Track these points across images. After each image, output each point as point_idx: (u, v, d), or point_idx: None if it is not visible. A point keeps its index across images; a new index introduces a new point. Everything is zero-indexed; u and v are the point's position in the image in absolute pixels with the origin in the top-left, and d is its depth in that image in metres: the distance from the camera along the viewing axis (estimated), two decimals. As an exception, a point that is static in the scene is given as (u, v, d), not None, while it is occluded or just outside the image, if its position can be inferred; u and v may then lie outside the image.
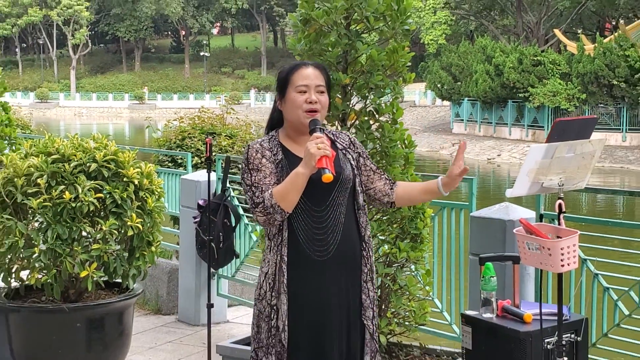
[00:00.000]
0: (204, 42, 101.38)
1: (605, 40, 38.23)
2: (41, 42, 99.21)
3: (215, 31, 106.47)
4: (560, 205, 3.40)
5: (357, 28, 4.71)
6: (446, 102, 52.35)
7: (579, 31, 53.97)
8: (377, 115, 4.72)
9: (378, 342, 3.74)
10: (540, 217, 3.47)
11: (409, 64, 4.83)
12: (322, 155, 3.35)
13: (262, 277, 3.65)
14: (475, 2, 58.84)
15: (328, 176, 3.32)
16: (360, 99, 4.70)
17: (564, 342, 3.56)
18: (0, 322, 5.74)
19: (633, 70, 35.77)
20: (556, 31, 48.27)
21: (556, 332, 3.94)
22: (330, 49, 4.64)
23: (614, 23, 56.19)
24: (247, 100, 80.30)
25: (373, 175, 3.77)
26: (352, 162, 3.70)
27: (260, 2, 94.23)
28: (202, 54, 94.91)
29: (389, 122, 4.72)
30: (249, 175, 3.58)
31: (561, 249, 3.31)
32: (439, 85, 49.04)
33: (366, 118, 4.72)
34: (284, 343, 3.55)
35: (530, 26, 57.24)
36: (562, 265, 3.34)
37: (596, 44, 37.73)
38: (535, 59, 40.72)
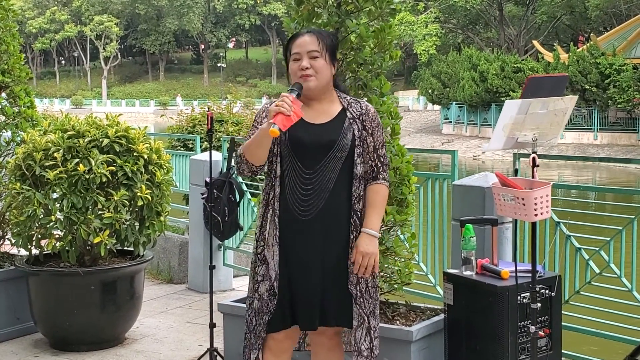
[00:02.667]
0: (221, 54, 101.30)
1: (578, 50, 38.01)
2: (76, 55, 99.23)
3: (230, 45, 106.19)
4: (534, 158, 3.20)
5: (347, 8, 4.51)
6: (436, 106, 52.14)
7: (555, 43, 53.65)
8: (365, 89, 4.51)
9: (368, 307, 3.53)
10: (515, 172, 3.29)
11: (396, 57, 4.62)
12: (277, 112, 3.18)
13: (257, 230, 3.53)
14: (462, 16, 58.61)
15: (273, 130, 3.14)
16: (350, 74, 4.49)
17: (537, 289, 3.35)
18: (22, 285, 5.60)
19: (603, 76, 35.54)
20: (535, 42, 47.99)
21: (529, 287, 3.77)
22: (322, 27, 4.44)
23: (586, 36, 55.93)
24: (260, 106, 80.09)
25: (367, 155, 3.49)
26: (356, 132, 3.46)
27: (270, 18, 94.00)
28: (219, 65, 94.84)
29: (377, 95, 4.52)
30: (251, 130, 3.48)
31: (534, 198, 3.11)
32: (430, 91, 48.79)
33: (355, 92, 4.51)
34: (275, 291, 3.41)
35: (511, 38, 57.02)
36: (536, 215, 3.14)
37: (570, 53, 37.50)
38: (516, 66, 40.54)
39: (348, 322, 3.51)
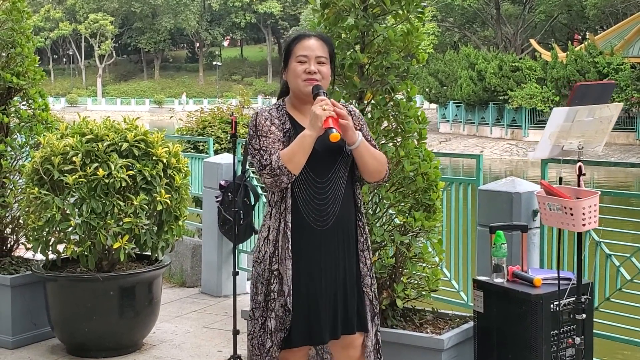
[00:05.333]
0: (216, 53, 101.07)
1: (576, 49, 38.02)
2: (71, 53, 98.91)
3: (225, 43, 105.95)
4: (580, 167, 3.15)
5: (374, 11, 4.45)
6: (433, 105, 51.97)
7: (551, 41, 53.63)
8: (392, 93, 4.45)
9: (377, 307, 3.52)
10: (560, 180, 3.24)
11: (423, 61, 4.53)
12: (327, 116, 3.12)
13: (261, 241, 3.40)
14: (459, 15, 58.58)
15: (335, 135, 3.08)
16: (377, 78, 4.43)
17: (582, 299, 3.31)
18: (39, 290, 5.54)
19: (601, 75, 35.51)
20: (532, 41, 47.97)
21: (565, 294, 3.73)
22: (348, 31, 4.39)
23: (582, 34, 55.94)
24: (255, 105, 79.65)
25: None
26: None
27: (266, 17, 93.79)
28: (214, 63, 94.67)
29: (404, 99, 4.47)
30: (258, 140, 3.31)
31: (583, 208, 3.06)
32: (427, 90, 48.66)
33: (382, 96, 4.45)
34: (289, 307, 3.29)
35: (508, 37, 57.02)
36: (584, 225, 3.09)
37: (568, 52, 37.50)
38: (514, 65, 40.53)
39: (364, 325, 3.46)
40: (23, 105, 6.15)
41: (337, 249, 3.37)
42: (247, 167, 6.35)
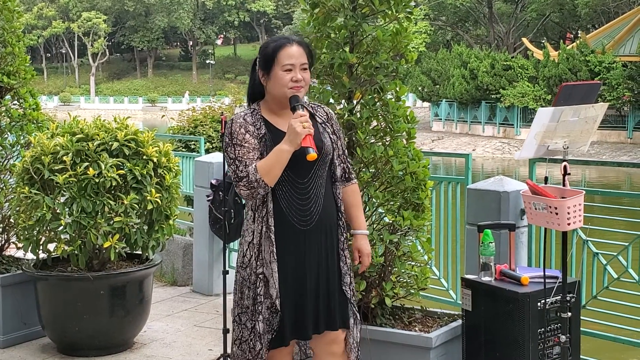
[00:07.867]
0: (210, 51, 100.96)
1: (568, 48, 38.08)
2: (64, 52, 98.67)
3: (219, 42, 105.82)
4: (565, 167, 3.17)
5: (363, 11, 4.46)
6: (426, 104, 52.05)
7: (543, 40, 53.72)
8: (381, 93, 4.46)
9: (356, 306, 3.57)
10: (545, 180, 3.26)
11: (412, 61, 4.54)
12: (307, 134, 3.18)
13: (245, 246, 3.43)
14: (452, 14, 58.61)
15: (312, 155, 3.16)
16: (366, 77, 4.45)
17: (568, 298, 3.33)
18: (30, 290, 5.54)
19: (593, 74, 35.57)
20: (524, 40, 48.00)
21: (552, 293, 3.74)
22: (337, 31, 4.40)
23: (574, 33, 56.04)
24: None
25: (337, 159, 3.54)
26: (330, 135, 3.50)
27: (259, 15, 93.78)
28: (207, 62, 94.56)
29: (393, 99, 4.48)
30: (233, 149, 3.35)
31: (568, 207, 3.08)
32: (419, 88, 48.67)
33: (371, 96, 4.47)
34: (276, 309, 3.33)
35: (500, 35, 57.06)
36: (569, 224, 3.11)
37: (560, 51, 37.56)
38: (506, 64, 40.56)
39: (346, 322, 3.51)
40: (14, 104, 6.14)
41: (320, 247, 3.42)
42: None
